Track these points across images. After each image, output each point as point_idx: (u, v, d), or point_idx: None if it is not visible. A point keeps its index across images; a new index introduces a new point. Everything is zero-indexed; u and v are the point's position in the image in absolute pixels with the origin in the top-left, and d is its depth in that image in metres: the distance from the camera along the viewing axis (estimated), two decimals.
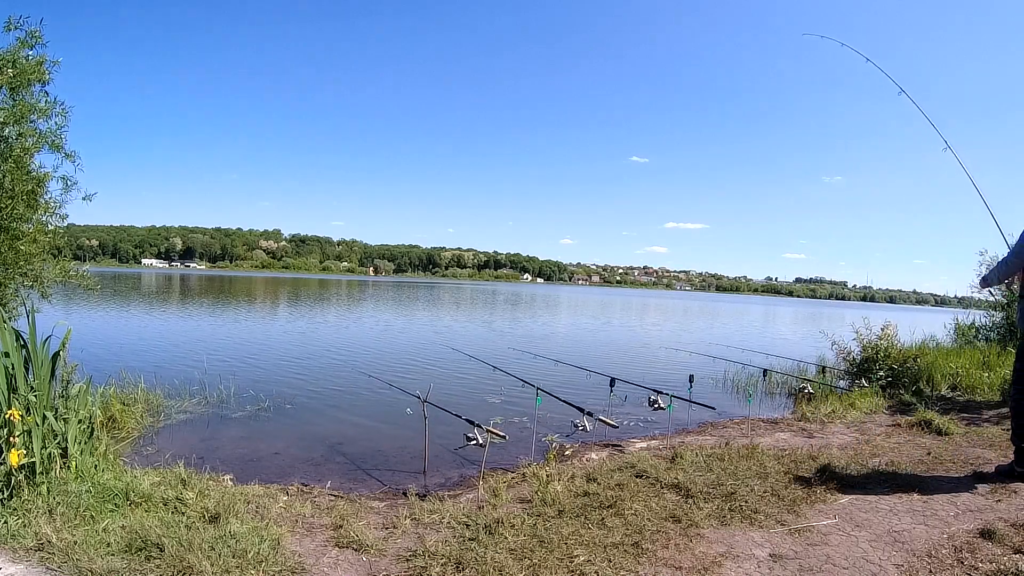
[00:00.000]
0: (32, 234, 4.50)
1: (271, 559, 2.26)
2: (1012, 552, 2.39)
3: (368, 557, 2.43)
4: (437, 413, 5.15)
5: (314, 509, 3.05)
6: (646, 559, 2.37)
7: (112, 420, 4.86)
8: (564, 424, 5.82)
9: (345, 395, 7.24)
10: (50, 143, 4.47)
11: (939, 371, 6.83)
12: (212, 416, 5.81)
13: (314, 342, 12.72)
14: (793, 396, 7.93)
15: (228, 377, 7.47)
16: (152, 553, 2.22)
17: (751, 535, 2.62)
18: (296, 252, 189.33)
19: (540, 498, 3.11)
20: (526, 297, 52.97)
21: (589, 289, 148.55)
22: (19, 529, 2.34)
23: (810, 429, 5.12)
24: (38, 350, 3.04)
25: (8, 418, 2.62)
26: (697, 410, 6.11)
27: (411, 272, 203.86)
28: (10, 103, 4.26)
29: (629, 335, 18.73)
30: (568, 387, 7.70)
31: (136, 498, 2.78)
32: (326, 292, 42.66)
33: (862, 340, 8.04)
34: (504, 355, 11.09)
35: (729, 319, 32.69)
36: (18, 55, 4.28)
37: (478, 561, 2.30)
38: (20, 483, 2.58)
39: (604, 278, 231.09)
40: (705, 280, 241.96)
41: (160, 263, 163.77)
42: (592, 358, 11.49)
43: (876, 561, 2.36)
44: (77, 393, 3.30)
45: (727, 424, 5.83)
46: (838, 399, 6.44)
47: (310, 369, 9.04)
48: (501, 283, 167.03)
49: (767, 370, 8.58)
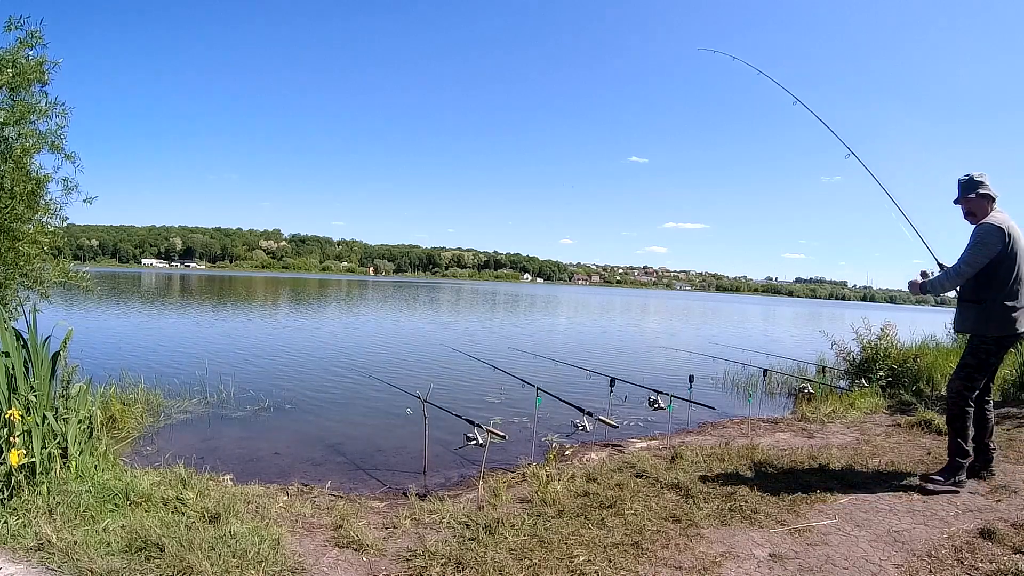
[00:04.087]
0: (32, 235, 4.50)
1: (271, 559, 2.26)
2: (1012, 552, 2.39)
3: (368, 557, 2.43)
4: (437, 413, 5.15)
5: (314, 509, 3.05)
6: (646, 559, 2.37)
7: (112, 420, 4.86)
8: (564, 424, 5.82)
9: (345, 395, 7.24)
10: (50, 144, 4.46)
11: (939, 371, 6.83)
12: (212, 416, 5.81)
13: (314, 342, 12.72)
14: (793, 396, 7.92)
15: (228, 377, 7.47)
16: (152, 553, 2.22)
17: (751, 535, 2.62)
18: (296, 252, 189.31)
19: (540, 498, 3.11)
20: (526, 297, 52.96)
21: (589, 289, 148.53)
22: (19, 529, 2.33)
23: (810, 429, 5.12)
24: (38, 350, 3.04)
25: (8, 418, 2.62)
26: (697, 410, 6.11)
27: (411, 272, 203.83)
28: (10, 104, 4.25)
29: (629, 335, 18.73)
30: (568, 387, 7.70)
31: (136, 498, 2.78)
32: (326, 292, 42.65)
33: (862, 340, 8.03)
34: (504, 355, 11.09)
35: (729, 319, 32.69)
36: (18, 55, 4.28)
37: (478, 561, 2.30)
38: (20, 483, 2.58)
39: (604, 278, 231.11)
40: (705, 280, 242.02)
41: (160, 263, 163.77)
42: (592, 358, 11.49)
43: (876, 561, 2.36)
44: (77, 393, 3.30)
45: (727, 424, 5.82)
46: (838, 399, 6.44)
47: (310, 369, 9.03)
48: (501, 283, 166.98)
49: (767, 370, 8.57)
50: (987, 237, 3.18)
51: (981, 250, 3.18)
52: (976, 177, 3.35)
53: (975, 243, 3.23)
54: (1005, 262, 3.15)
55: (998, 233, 3.14)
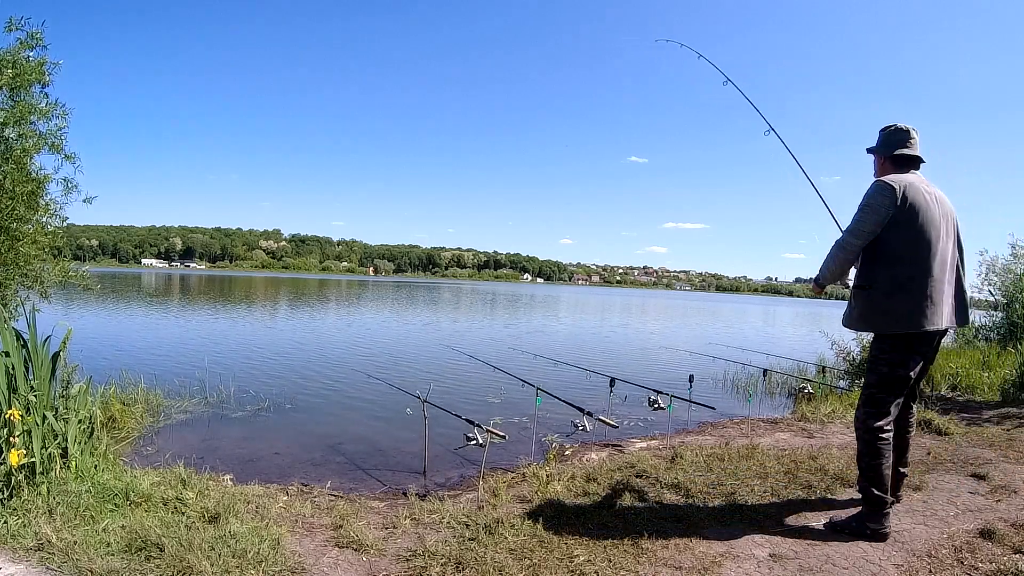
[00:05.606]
0: (32, 235, 4.50)
1: (271, 559, 2.26)
2: (1012, 552, 2.39)
3: (368, 557, 2.43)
4: (437, 413, 5.15)
5: (314, 509, 3.05)
6: (646, 559, 2.37)
7: (112, 420, 4.86)
8: (564, 424, 5.82)
9: (345, 395, 7.24)
10: (50, 144, 4.46)
11: (939, 371, 6.82)
12: (212, 416, 5.81)
13: (314, 342, 12.72)
14: (793, 396, 7.93)
15: (228, 377, 7.48)
16: (152, 553, 2.22)
17: (751, 535, 2.62)
18: (296, 252, 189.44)
19: (540, 498, 3.12)
20: (526, 297, 52.95)
21: (589, 289, 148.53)
22: (19, 529, 2.33)
23: (810, 429, 5.12)
24: (38, 350, 3.04)
25: (8, 418, 2.62)
26: (697, 410, 6.11)
27: (411, 272, 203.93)
28: (10, 104, 4.25)
29: (629, 335, 18.73)
30: (568, 387, 7.70)
31: (136, 498, 2.78)
32: (326, 292, 42.65)
33: (862, 340, 8.04)
34: (504, 355, 11.09)
35: (729, 319, 32.68)
36: (18, 56, 4.28)
37: (478, 561, 2.30)
38: (20, 483, 2.58)
39: (604, 278, 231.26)
40: (705, 280, 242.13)
41: (160, 263, 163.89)
42: (592, 358, 11.49)
43: (876, 561, 2.36)
44: (77, 393, 3.29)
45: (727, 424, 5.82)
46: (838, 399, 6.44)
47: (310, 369, 9.04)
48: (501, 283, 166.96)
49: (767, 370, 8.57)
50: (874, 198, 2.50)
51: (868, 214, 2.50)
52: (892, 129, 2.71)
53: (861, 206, 2.54)
54: (898, 231, 2.47)
55: (888, 191, 2.46)
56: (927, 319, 2.45)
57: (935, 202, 2.52)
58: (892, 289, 2.48)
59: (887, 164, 2.70)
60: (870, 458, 2.54)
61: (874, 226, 2.49)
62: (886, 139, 2.73)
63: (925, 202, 2.48)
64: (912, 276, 2.47)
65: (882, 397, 2.55)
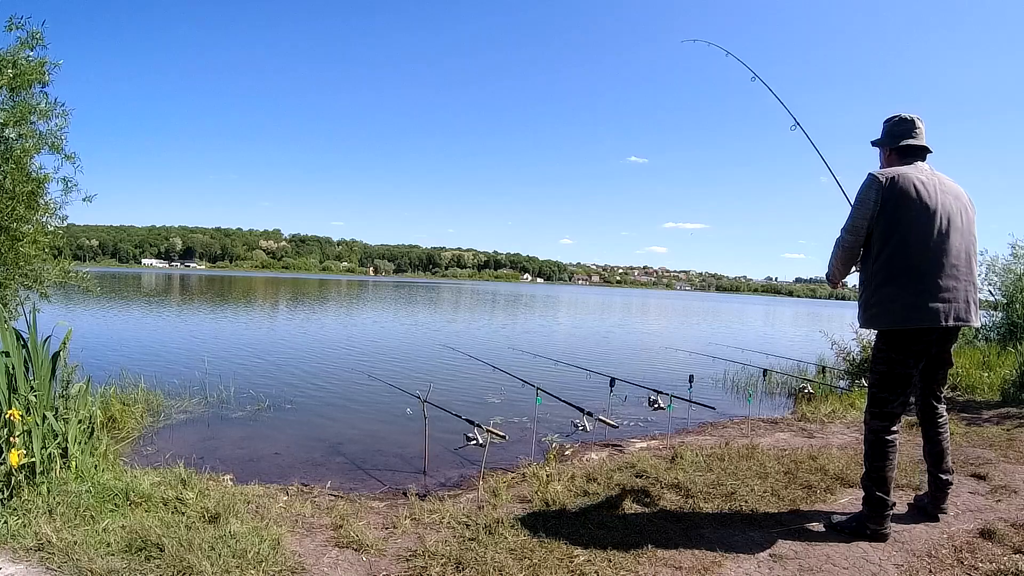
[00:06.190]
0: (32, 235, 4.50)
1: (271, 559, 2.26)
2: (1012, 552, 2.39)
3: (368, 557, 2.43)
4: (437, 413, 5.15)
5: (314, 509, 3.05)
6: (646, 559, 2.37)
7: (112, 420, 4.86)
8: (564, 424, 5.82)
9: (345, 395, 7.24)
10: (50, 144, 4.46)
11: None
12: (212, 416, 5.81)
13: (314, 342, 12.72)
14: (793, 396, 7.93)
15: (228, 377, 7.48)
16: (152, 553, 2.22)
17: (751, 535, 2.62)
18: (296, 252, 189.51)
19: (540, 498, 3.12)
20: (526, 297, 52.95)
21: (589, 289, 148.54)
22: (19, 529, 2.33)
23: (810, 429, 5.12)
24: (38, 350, 3.04)
25: (8, 418, 2.62)
26: (697, 410, 6.11)
27: (411, 272, 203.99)
28: (10, 104, 4.25)
29: (629, 335, 18.73)
30: (568, 387, 7.70)
31: (136, 498, 2.78)
32: (326, 292, 42.65)
33: (862, 340, 8.04)
34: (504, 355, 11.09)
35: (729, 319, 32.68)
36: (19, 56, 4.28)
37: (478, 561, 2.30)
38: (20, 483, 2.58)
39: (604, 278, 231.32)
40: (705, 280, 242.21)
41: (160, 263, 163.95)
42: (592, 358, 11.49)
43: (876, 561, 2.35)
44: (77, 393, 3.30)
45: (727, 424, 5.82)
46: (838, 399, 6.44)
47: (310, 369, 9.04)
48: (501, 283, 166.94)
49: (767, 370, 8.58)
50: (861, 192, 2.46)
51: (857, 210, 2.46)
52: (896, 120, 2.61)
53: (854, 202, 2.50)
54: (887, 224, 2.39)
55: (875, 185, 2.40)
56: (921, 315, 2.34)
57: (936, 191, 2.38)
58: (883, 284, 2.41)
59: (893, 156, 2.61)
60: (873, 459, 2.52)
61: (864, 220, 2.43)
62: (890, 130, 2.64)
63: (916, 192, 2.36)
64: (903, 270, 2.36)
65: (883, 396, 2.50)
